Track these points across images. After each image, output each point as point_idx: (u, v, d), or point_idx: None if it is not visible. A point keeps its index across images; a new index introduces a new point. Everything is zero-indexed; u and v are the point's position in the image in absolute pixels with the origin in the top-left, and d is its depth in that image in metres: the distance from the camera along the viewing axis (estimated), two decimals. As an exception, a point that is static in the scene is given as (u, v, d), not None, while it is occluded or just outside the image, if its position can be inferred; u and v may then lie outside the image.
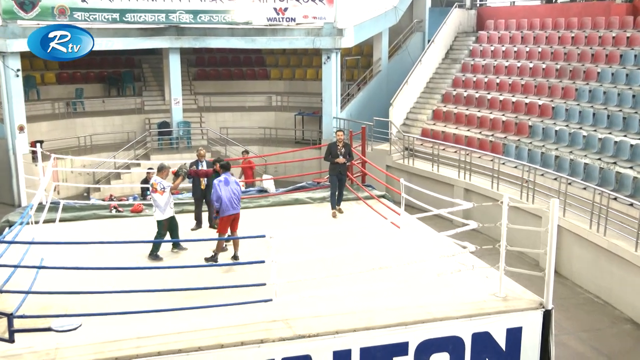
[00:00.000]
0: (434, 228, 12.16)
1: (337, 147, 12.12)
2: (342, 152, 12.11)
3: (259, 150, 24.77)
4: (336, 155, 12.09)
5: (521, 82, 20.54)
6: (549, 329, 8.19)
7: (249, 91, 28.76)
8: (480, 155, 18.60)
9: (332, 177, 12.32)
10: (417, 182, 16.84)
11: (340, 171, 12.17)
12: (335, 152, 12.12)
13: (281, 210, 13.18)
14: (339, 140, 12.08)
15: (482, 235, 16.62)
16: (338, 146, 12.12)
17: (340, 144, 12.11)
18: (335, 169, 12.17)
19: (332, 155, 12.15)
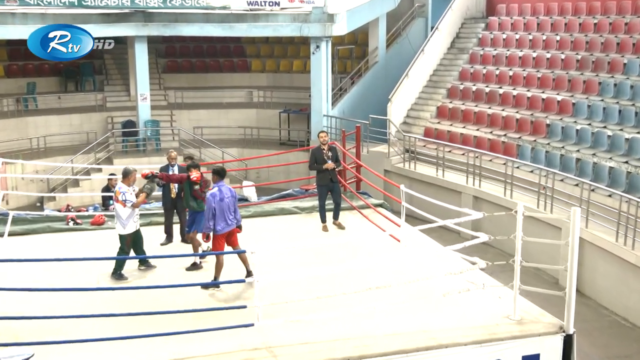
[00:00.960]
0: (438, 241, 12.19)
1: (322, 152, 11.93)
2: (330, 156, 11.94)
3: (239, 153, 24.78)
4: (323, 161, 11.90)
5: (537, 74, 20.68)
6: (570, 356, 8.22)
7: (227, 85, 28.78)
8: (491, 158, 18.70)
9: (321, 188, 12.06)
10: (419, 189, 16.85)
11: (332, 178, 11.99)
12: (321, 157, 11.91)
13: (264, 222, 13.18)
14: (323, 143, 11.93)
15: (494, 250, 16.67)
16: (323, 150, 11.94)
17: (325, 147, 11.97)
18: (324, 177, 11.93)
19: (318, 162, 11.93)
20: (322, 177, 11.93)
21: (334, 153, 12.00)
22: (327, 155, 11.86)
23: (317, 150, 11.99)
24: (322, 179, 11.97)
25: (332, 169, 11.92)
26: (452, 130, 21.08)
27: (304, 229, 12.78)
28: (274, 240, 11.95)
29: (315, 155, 11.93)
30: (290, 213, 13.76)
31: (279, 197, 14.75)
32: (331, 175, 11.93)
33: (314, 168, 12.05)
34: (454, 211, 10.04)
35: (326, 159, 11.83)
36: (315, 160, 11.96)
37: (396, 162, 20.98)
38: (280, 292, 9.15)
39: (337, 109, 24.75)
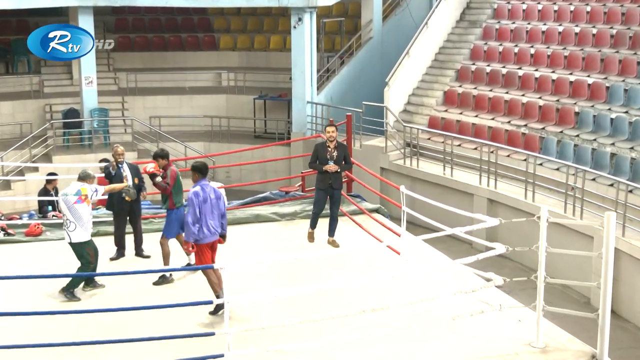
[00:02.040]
0: (446, 254, 12.21)
1: (326, 149, 11.83)
2: (335, 156, 11.82)
3: (205, 147, 24.71)
4: (325, 161, 11.79)
5: (564, 52, 20.76)
6: (604, 390, 8.27)
7: (190, 67, 28.68)
8: (509, 154, 18.75)
9: (318, 192, 11.98)
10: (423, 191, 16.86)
11: (332, 184, 11.84)
12: (324, 156, 11.79)
13: (236, 231, 13.13)
14: (330, 139, 11.79)
15: (513, 263, 16.71)
16: (329, 148, 11.81)
17: (331, 145, 11.83)
18: (324, 180, 11.82)
19: (320, 161, 11.82)
20: (322, 179, 11.85)
21: (340, 153, 11.84)
22: (332, 155, 11.75)
23: (321, 146, 11.89)
24: (321, 182, 11.89)
25: (335, 172, 11.77)
26: (462, 120, 21.13)
27: (284, 239, 12.77)
28: (248, 253, 11.94)
29: (317, 152, 11.87)
30: (267, 220, 13.77)
31: (254, 201, 14.72)
32: (332, 179, 11.78)
33: (314, 167, 11.98)
34: (465, 217, 10.04)
35: (329, 159, 11.73)
36: (317, 158, 11.88)
37: (395, 158, 21.01)
38: (256, 315, 9.12)
39: (324, 94, 24.74)
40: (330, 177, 11.74)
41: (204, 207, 9.47)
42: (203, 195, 9.51)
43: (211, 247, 9.66)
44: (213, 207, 9.56)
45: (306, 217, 13.88)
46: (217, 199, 9.64)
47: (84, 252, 10.14)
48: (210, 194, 9.58)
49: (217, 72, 28.45)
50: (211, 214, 9.53)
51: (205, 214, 9.47)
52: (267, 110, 26.38)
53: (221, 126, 25.61)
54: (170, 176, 10.98)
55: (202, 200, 9.47)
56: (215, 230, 9.58)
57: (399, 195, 11.71)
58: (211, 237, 9.56)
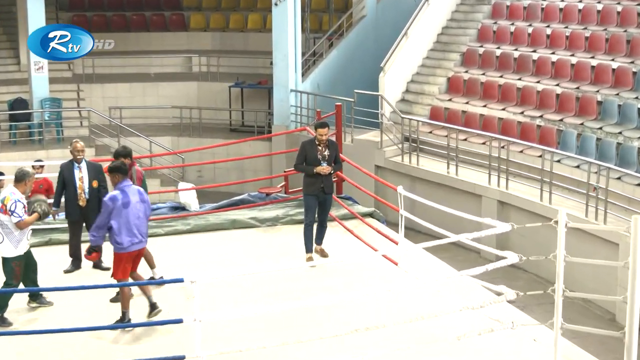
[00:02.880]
0: (451, 264, 12.21)
1: (316, 149, 11.77)
2: (327, 155, 11.78)
3: (173, 143, 24.67)
4: (315, 162, 11.74)
5: (585, 32, 20.80)
6: (631, 419, 8.27)
7: (157, 50, 28.66)
8: (522, 149, 18.79)
9: (309, 198, 11.89)
10: (424, 192, 16.86)
11: (324, 188, 11.80)
12: (313, 155, 11.73)
13: (209, 239, 13.17)
14: (321, 139, 11.76)
15: (527, 275, 16.74)
16: (319, 147, 11.77)
17: (322, 144, 11.81)
18: (313, 184, 11.76)
19: (309, 162, 11.76)
20: (312, 183, 11.76)
21: (332, 152, 11.80)
22: (323, 154, 11.69)
23: (309, 144, 11.81)
24: (311, 186, 11.80)
25: (328, 174, 11.71)
26: (468, 111, 21.15)
27: (264, 248, 12.78)
28: (223, 264, 11.92)
29: (305, 151, 11.76)
30: (245, 226, 13.77)
31: (230, 204, 14.70)
32: (324, 183, 11.73)
33: (302, 169, 11.88)
34: (472, 222, 10.04)
35: (320, 160, 11.67)
36: (305, 159, 11.78)
37: (392, 154, 21.03)
38: (232, 336, 9.09)
39: (310, 81, 24.75)
40: (322, 180, 11.68)
41: (126, 211, 9.57)
42: (123, 200, 9.57)
43: (136, 256, 9.81)
44: (139, 212, 9.68)
45: (290, 222, 13.87)
46: (142, 202, 9.74)
47: (8, 269, 9.94)
48: (134, 197, 9.63)
49: (186, 55, 28.40)
50: (136, 219, 9.63)
51: (129, 219, 9.55)
52: (244, 100, 26.37)
53: (192, 118, 25.56)
54: (137, 178, 10.95)
55: (123, 204, 9.54)
56: (141, 238, 9.72)
57: (396, 197, 11.71)
58: (137, 246, 9.69)
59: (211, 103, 26.40)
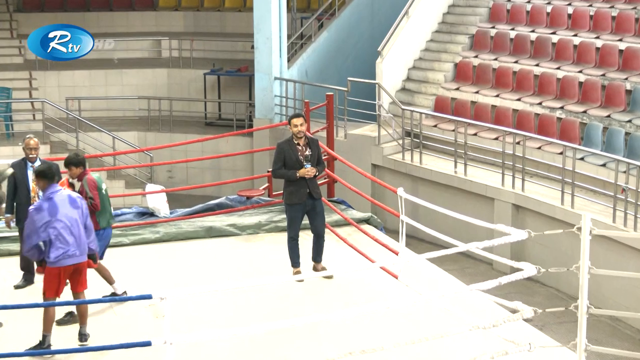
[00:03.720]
0: (459, 277, 12.21)
1: (295, 149, 11.67)
2: (308, 156, 11.68)
3: (139, 139, 24.64)
4: (297, 164, 11.61)
5: (612, 12, 20.82)
6: None
7: (120, 32, 28.61)
8: (540, 145, 18.80)
9: (292, 208, 11.78)
10: (428, 195, 16.86)
11: (311, 192, 11.70)
12: (294, 157, 11.63)
13: (182, 249, 13.16)
14: (298, 135, 11.65)
15: (546, 289, 16.74)
16: (298, 145, 11.68)
17: (301, 142, 11.71)
18: (297, 191, 11.65)
19: (289, 165, 11.65)
20: (295, 190, 11.65)
21: (314, 150, 11.71)
22: (305, 154, 11.62)
23: (286, 145, 11.71)
24: (294, 194, 11.68)
25: (313, 176, 11.60)
26: (478, 101, 21.16)
27: (244, 259, 12.80)
28: (197, 278, 11.90)
29: (283, 153, 11.65)
30: (222, 235, 13.80)
31: (205, 209, 14.69)
32: (310, 186, 11.64)
33: (281, 175, 11.75)
34: (483, 229, 10.05)
35: (302, 161, 11.60)
36: (284, 162, 11.66)
37: (391, 151, 21.05)
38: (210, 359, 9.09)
39: (297, 68, 24.74)
40: (307, 184, 11.61)
41: (53, 221, 9.48)
42: (50, 208, 9.48)
43: (73, 272, 9.68)
44: (71, 222, 9.58)
45: (274, 229, 13.88)
46: (75, 209, 9.64)
47: None
48: (63, 204, 9.56)
49: (155, 39, 28.35)
50: (67, 229, 9.54)
51: (57, 230, 9.49)
52: (221, 90, 26.36)
53: (161, 110, 25.54)
54: (90, 188, 10.79)
55: (49, 213, 9.47)
56: (74, 251, 9.59)
57: (395, 201, 11.72)
58: (69, 260, 9.57)
59: (183, 93, 26.36)
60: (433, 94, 22.17)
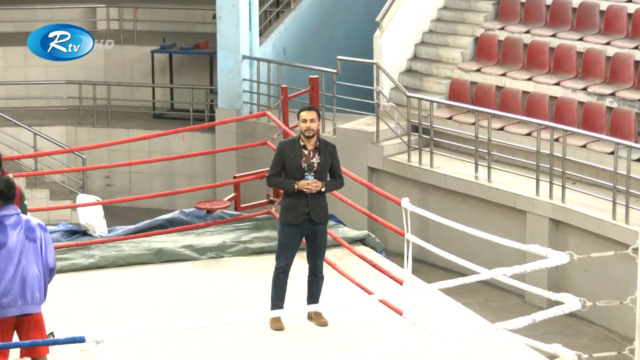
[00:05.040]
0: (480, 312, 12.21)
1: (300, 153, 11.59)
2: (316, 164, 11.61)
3: (67, 135, 24.62)
4: (297, 172, 11.56)
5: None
6: None
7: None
8: (585, 142, 18.85)
9: (285, 229, 11.72)
10: (441, 207, 16.85)
11: (311, 211, 11.62)
12: (295, 163, 11.57)
13: (123, 278, 13.19)
14: (306, 133, 11.57)
15: (593, 328, 16.78)
16: (305, 149, 11.59)
17: (310, 144, 11.67)
18: (294, 208, 11.58)
19: (289, 172, 11.61)
20: (291, 206, 11.58)
21: (325, 159, 11.64)
22: (311, 161, 11.59)
23: (289, 146, 11.61)
24: (289, 212, 11.61)
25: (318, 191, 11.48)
26: (505, 86, 21.21)
27: (204, 291, 12.80)
28: (142, 315, 11.91)
29: (284, 156, 11.58)
30: (175, 259, 13.80)
31: (153, 227, 14.69)
32: (311, 206, 11.57)
33: (276, 183, 11.82)
34: (512, 251, 10.06)
35: (305, 169, 11.60)
36: (284, 168, 11.63)
37: (393, 151, 21.11)
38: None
39: (272, 43, 24.80)
40: (307, 201, 11.59)
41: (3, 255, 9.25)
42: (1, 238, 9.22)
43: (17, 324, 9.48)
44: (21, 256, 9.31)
45: (242, 252, 13.88)
46: (30, 242, 9.53)
47: None
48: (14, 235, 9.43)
49: (88, 6, 28.35)
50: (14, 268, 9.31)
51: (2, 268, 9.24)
52: (174, 72, 26.45)
53: (96, 99, 25.55)
54: None
55: None
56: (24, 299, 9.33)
57: (399, 215, 11.74)
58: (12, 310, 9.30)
59: (125, 77, 26.37)
60: (447, 77, 22.26)
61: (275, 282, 11.61)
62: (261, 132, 21.58)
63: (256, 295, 12.10)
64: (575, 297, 8.92)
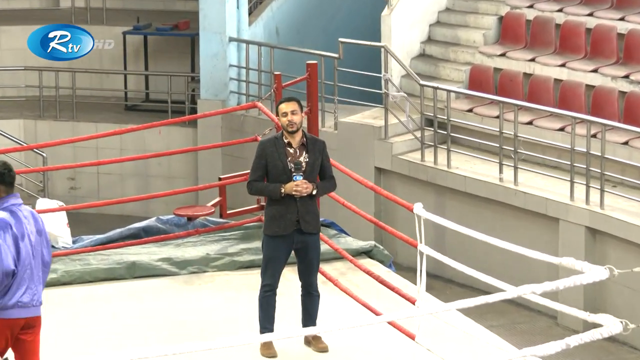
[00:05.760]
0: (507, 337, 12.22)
1: (285, 152, 11.69)
2: (304, 163, 11.67)
3: (25, 130, 24.69)
4: (283, 174, 11.64)
5: None
6: None
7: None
8: (628, 138, 18.85)
9: (270, 242, 11.77)
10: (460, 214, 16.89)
11: (300, 223, 11.69)
12: (280, 164, 11.66)
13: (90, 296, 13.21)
14: (290, 127, 11.59)
15: (636, 355, 16.81)
16: (289, 147, 11.69)
17: (295, 141, 11.74)
18: (282, 216, 11.63)
19: (273, 174, 11.69)
20: (278, 214, 11.63)
21: (314, 156, 11.68)
22: (298, 160, 11.63)
23: (271, 145, 11.69)
24: (276, 221, 11.65)
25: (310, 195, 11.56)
26: (535, 73, 21.28)
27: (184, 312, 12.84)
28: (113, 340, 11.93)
29: (266, 157, 11.68)
30: (151, 274, 13.86)
31: (126, 236, 14.71)
32: (301, 212, 11.63)
33: (259, 190, 11.87)
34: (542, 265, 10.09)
35: (292, 169, 11.64)
36: (266, 171, 11.70)
37: (404, 149, 21.21)
38: None
39: (263, 24, 24.90)
40: (296, 207, 11.62)
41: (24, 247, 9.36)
42: (18, 227, 9.38)
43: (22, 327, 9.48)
44: (34, 250, 9.47)
45: (229, 267, 13.91)
46: (38, 234, 9.55)
47: None
48: (28, 223, 9.48)
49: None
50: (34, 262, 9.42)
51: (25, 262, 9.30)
52: (149, 57, 26.60)
53: (59, 88, 25.55)
54: None
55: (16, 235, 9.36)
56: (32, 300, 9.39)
57: (410, 223, 11.75)
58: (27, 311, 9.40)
59: (92, 63, 26.39)
60: (467, 63, 22.34)
61: (262, 302, 11.65)
62: (251, 126, 21.64)
63: (245, 316, 12.13)
64: (616, 318, 8.92)
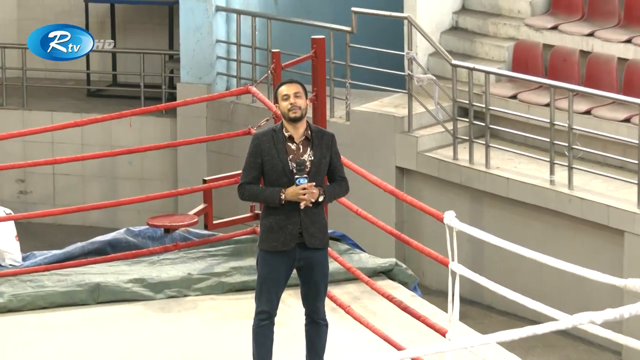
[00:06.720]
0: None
1: (285, 148, 11.75)
2: (308, 162, 11.70)
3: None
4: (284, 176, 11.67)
5: None
6: None
7: None
8: None
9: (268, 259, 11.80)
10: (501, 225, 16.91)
11: (303, 236, 11.72)
12: (279, 161, 11.72)
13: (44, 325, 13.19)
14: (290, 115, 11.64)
15: None
16: (290, 142, 11.75)
17: (297, 134, 11.84)
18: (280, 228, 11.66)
19: (270, 176, 11.77)
20: (277, 225, 11.67)
21: (321, 152, 11.74)
22: (301, 158, 11.66)
23: (267, 138, 11.73)
24: (274, 234, 11.68)
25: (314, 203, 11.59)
26: (594, 51, 21.30)
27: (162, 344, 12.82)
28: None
29: (261, 155, 11.74)
30: (120, 299, 13.85)
31: (88, 252, 14.70)
32: (305, 221, 11.69)
33: (253, 194, 11.84)
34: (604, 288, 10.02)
35: (293, 169, 11.56)
36: (262, 173, 11.82)
37: (432, 144, 21.28)
38: None
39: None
40: (299, 217, 11.65)
41: None
42: None
43: None
44: None
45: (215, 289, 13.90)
46: None
47: None
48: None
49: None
50: None
51: None
52: (117, 30, 26.86)
53: (5, 69, 25.92)
54: None
55: None
56: None
57: (441, 235, 11.68)
58: None
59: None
60: (510, 38, 22.44)
61: (257, 333, 11.66)
62: (243, 116, 21.80)
63: (235, 351, 12.11)
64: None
